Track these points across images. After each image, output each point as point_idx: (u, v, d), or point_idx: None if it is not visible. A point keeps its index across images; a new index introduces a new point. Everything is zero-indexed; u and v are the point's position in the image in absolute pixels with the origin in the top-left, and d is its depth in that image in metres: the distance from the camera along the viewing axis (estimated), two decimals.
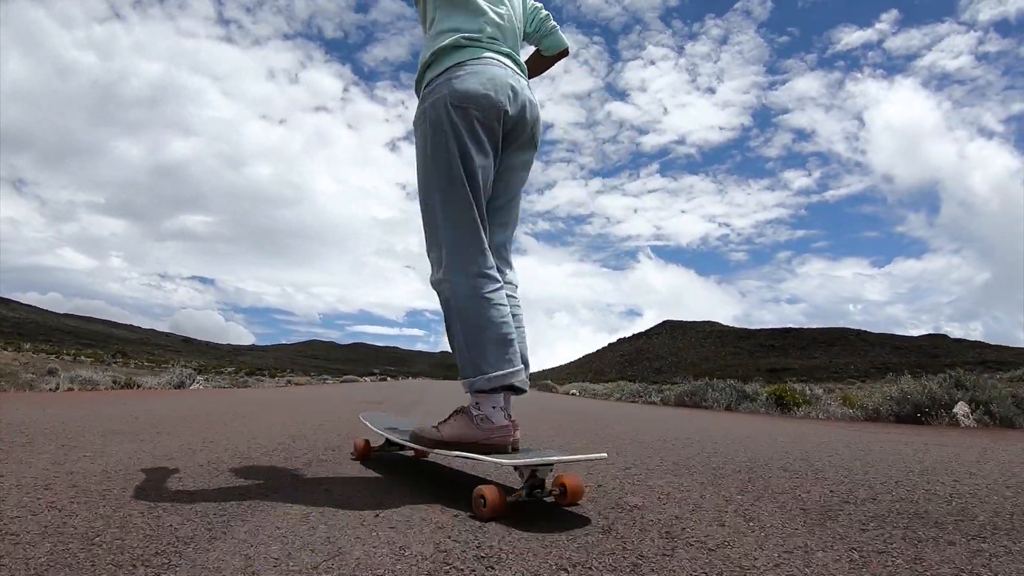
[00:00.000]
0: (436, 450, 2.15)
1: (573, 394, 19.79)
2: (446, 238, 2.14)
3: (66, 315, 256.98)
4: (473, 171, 2.12)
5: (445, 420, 2.18)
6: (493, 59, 2.22)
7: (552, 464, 1.94)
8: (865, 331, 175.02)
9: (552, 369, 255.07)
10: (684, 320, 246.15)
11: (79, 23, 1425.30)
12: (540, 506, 1.98)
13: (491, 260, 2.15)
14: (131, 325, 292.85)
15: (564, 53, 2.75)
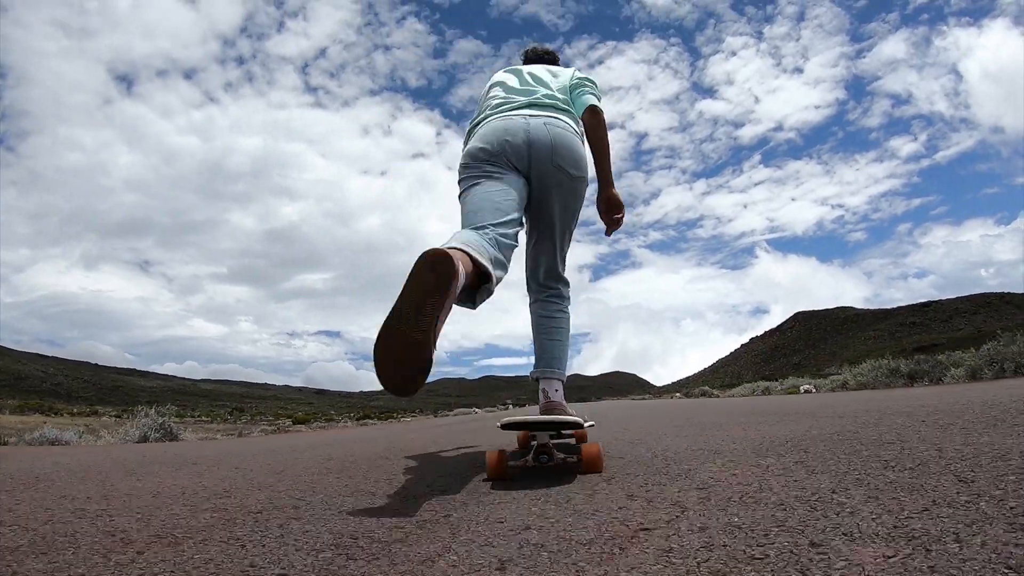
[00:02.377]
0: (522, 419, 2.38)
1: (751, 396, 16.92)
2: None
3: (202, 380, 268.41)
4: (474, 200, 2.49)
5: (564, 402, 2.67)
6: (496, 116, 2.68)
7: (524, 425, 2.36)
8: (1009, 292, 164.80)
9: (688, 378, 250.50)
10: (816, 309, 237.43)
11: (178, 111, 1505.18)
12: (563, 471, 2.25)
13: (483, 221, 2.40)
14: (265, 383, 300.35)
15: (591, 111, 2.80)
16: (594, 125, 2.79)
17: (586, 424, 2.53)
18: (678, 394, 27.69)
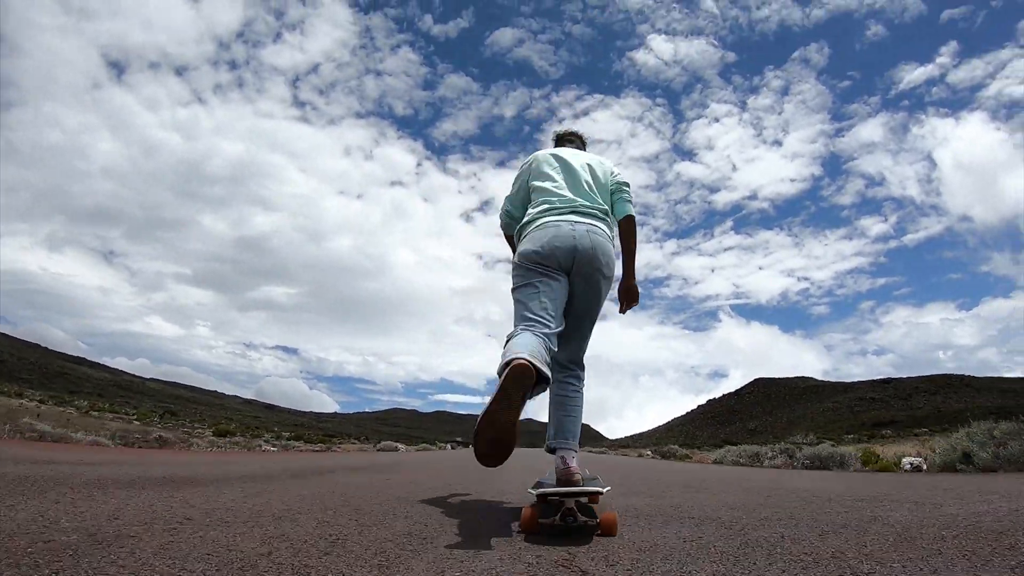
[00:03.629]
0: (555, 490, 2.72)
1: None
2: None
3: (151, 379, 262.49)
4: (531, 300, 3.01)
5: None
6: (547, 222, 3.13)
7: (556, 494, 2.68)
8: (968, 376, 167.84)
9: (643, 434, 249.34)
10: (776, 377, 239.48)
11: (164, 106, 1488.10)
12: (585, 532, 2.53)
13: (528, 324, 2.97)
14: (215, 391, 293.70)
15: (628, 220, 3.38)
16: (628, 232, 3.39)
17: (604, 489, 2.81)
18: (648, 452, 25.38)
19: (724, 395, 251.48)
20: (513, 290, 3.14)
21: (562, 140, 3.93)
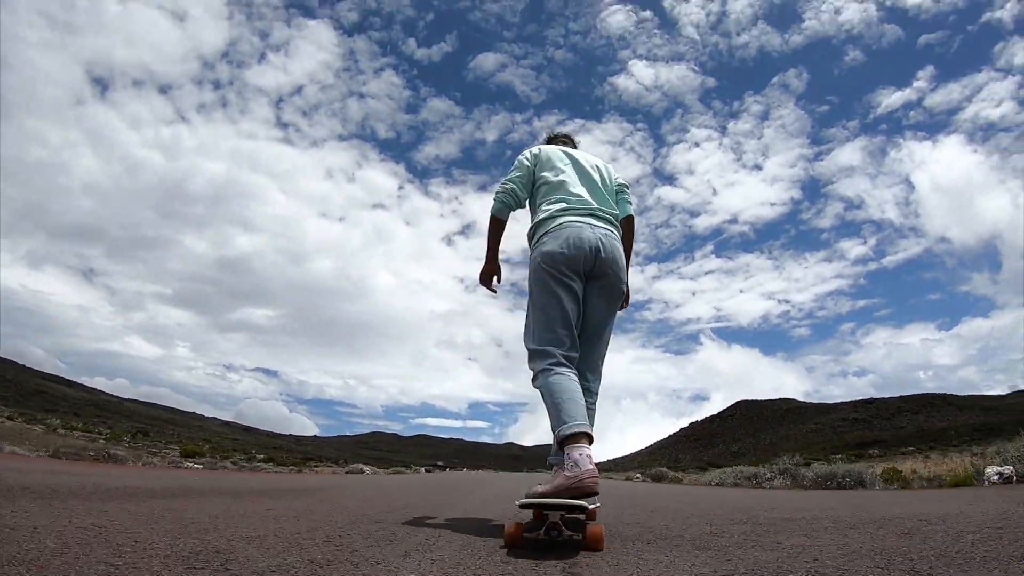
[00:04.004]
0: (539, 501, 2.54)
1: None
2: (533, 351, 3.01)
3: (129, 400, 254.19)
4: (556, 309, 2.98)
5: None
6: (570, 222, 3.07)
7: (545, 505, 2.51)
8: (951, 394, 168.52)
9: (625, 457, 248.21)
10: (758, 399, 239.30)
11: (147, 124, 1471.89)
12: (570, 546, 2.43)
13: (559, 356, 2.93)
14: (194, 412, 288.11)
15: (630, 221, 3.50)
16: (629, 232, 3.50)
17: (591, 506, 2.68)
18: (637, 475, 24.46)
19: (707, 418, 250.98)
20: (533, 293, 3.11)
21: (555, 142, 3.86)
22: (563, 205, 3.16)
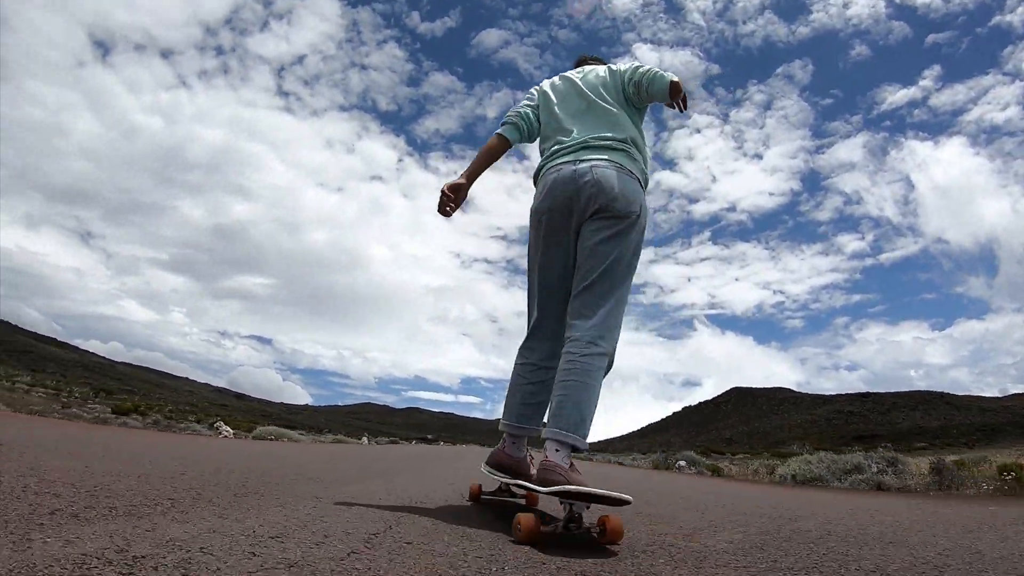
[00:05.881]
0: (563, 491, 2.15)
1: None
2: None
3: (122, 363, 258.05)
4: (536, 275, 2.81)
5: (571, 466, 2.32)
6: (552, 167, 2.74)
7: (572, 493, 2.09)
8: (949, 393, 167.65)
9: (617, 438, 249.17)
10: (753, 387, 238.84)
11: (147, 89, 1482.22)
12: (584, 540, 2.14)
13: (527, 342, 2.82)
14: (186, 378, 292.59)
15: (673, 87, 2.71)
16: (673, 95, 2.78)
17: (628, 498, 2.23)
18: (638, 458, 21.24)
19: (700, 403, 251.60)
20: (530, 245, 2.91)
21: (584, 63, 3.24)
22: (555, 148, 2.81)
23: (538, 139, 3.03)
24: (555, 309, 2.75)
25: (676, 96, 2.73)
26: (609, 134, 2.73)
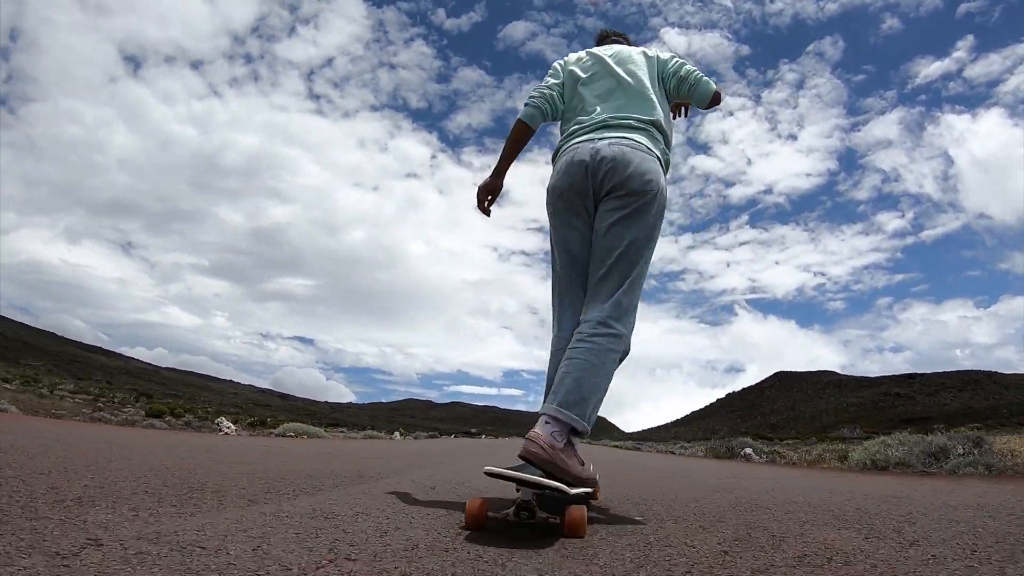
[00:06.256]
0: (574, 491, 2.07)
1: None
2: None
3: (167, 368, 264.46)
4: (557, 258, 2.69)
5: (566, 446, 2.20)
6: (569, 147, 2.64)
7: (515, 480, 2.02)
8: (995, 372, 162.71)
9: (659, 427, 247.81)
10: (797, 371, 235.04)
11: (180, 99, 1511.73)
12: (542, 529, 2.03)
13: (561, 326, 2.63)
14: (230, 380, 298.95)
15: (715, 98, 2.84)
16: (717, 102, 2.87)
17: (579, 491, 2.12)
18: (695, 448, 19.68)
19: (743, 389, 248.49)
20: (551, 231, 2.77)
21: (605, 41, 3.17)
22: (574, 128, 2.71)
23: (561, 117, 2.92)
24: (578, 293, 2.63)
25: (715, 105, 2.85)
26: (634, 114, 2.65)
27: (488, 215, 2.94)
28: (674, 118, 2.96)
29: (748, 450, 13.30)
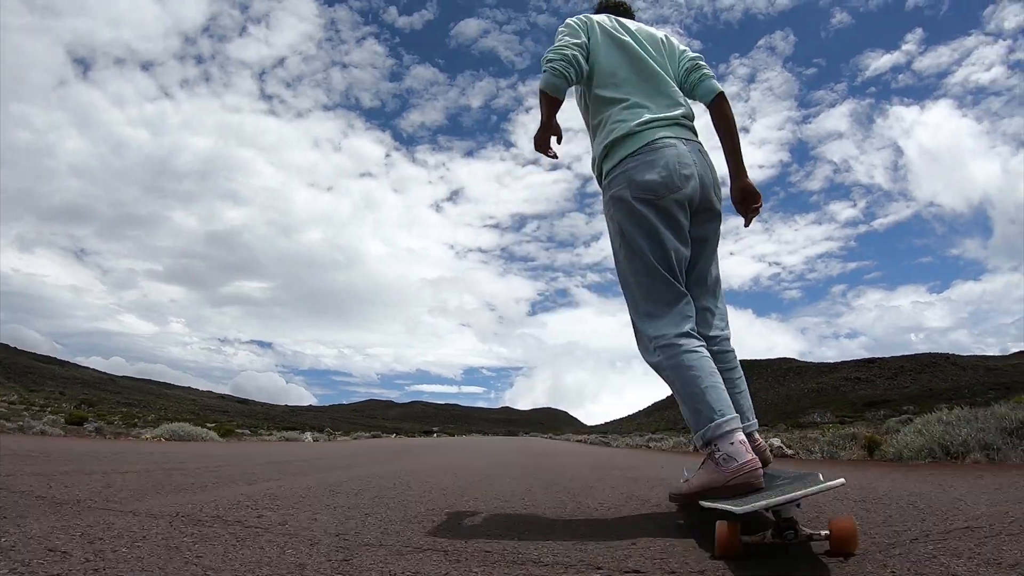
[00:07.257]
0: (689, 502, 2.11)
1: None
2: (643, 315, 2.33)
3: (123, 377, 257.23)
4: (663, 254, 2.29)
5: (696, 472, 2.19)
6: (663, 140, 2.35)
7: (780, 503, 1.67)
8: (954, 354, 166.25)
9: (621, 419, 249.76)
10: (757, 359, 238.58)
11: (131, 102, 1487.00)
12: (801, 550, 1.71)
13: (685, 326, 2.24)
14: (188, 387, 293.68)
15: (721, 99, 2.59)
16: (724, 114, 2.59)
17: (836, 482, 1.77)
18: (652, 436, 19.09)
19: None
20: (627, 244, 2.35)
21: (607, 10, 2.88)
22: (646, 116, 2.41)
23: (589, 80, 2.59)
24: (689, 293, 2.36)
25: (725, 103, 2.63)
26: (690, 111, 2.57)
27: (556, 157, 2.65)
28: None
29: (775, 440, 11.05)
